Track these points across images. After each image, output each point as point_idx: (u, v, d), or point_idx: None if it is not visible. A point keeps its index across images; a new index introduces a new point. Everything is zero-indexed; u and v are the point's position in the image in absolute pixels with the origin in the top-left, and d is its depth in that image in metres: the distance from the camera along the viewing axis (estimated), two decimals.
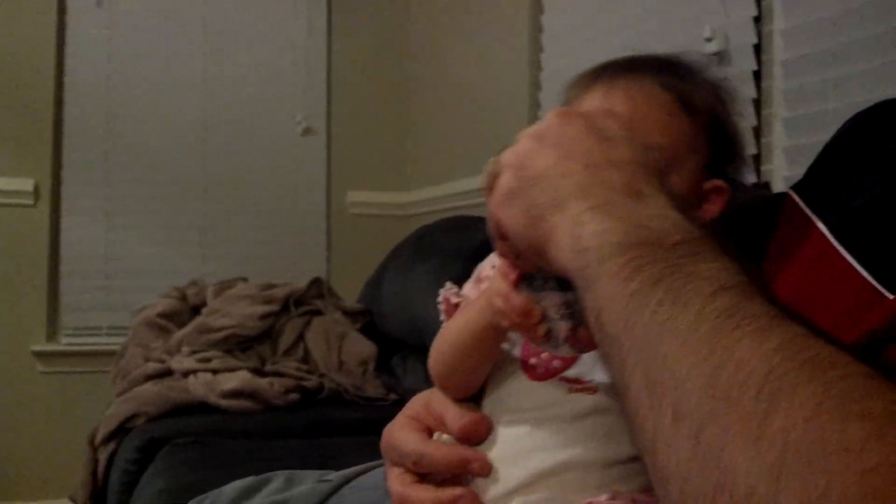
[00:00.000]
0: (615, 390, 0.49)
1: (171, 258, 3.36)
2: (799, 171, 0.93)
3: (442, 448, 0.74)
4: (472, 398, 0.76)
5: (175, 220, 3.39)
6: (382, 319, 2.78)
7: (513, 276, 0.67)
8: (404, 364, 2.62)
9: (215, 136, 3.43)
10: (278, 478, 1.12)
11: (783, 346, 0.42)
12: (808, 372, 0.40)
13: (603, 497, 0.66)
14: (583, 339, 0.64)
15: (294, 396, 2.33)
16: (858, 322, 0.64)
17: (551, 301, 0.65)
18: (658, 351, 0.45)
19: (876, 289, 0.66)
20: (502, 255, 0.67)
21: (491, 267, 0.77)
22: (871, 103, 0.90)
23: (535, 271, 0.65)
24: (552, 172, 0.59)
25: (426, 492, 0.73)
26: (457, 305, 0.78)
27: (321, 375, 2.49)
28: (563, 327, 0.65)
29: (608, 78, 0.77)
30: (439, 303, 0.79)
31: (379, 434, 0.82)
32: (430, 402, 0.80)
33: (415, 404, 0.81)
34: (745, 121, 1.80)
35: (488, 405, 0.75)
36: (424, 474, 0.76)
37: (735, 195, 1.12)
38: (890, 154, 0.78)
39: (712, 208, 0.77)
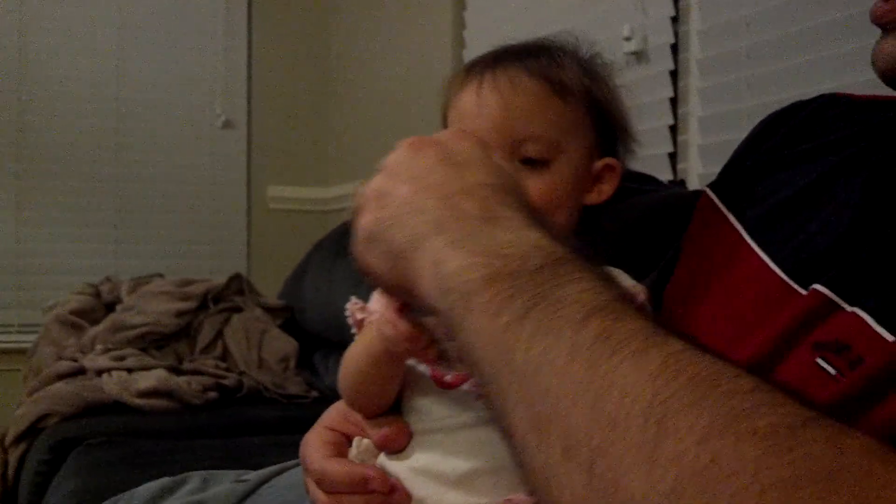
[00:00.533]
0: (499, 430, 0.48)
1: (85, 254, 3.28)
2: (713, 169, 0.94)
3: (343, 467, 0.73)
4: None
5: (88, 214, 3.31)
6: (304, 316, 2.76)
7: (396, 303, 0.66)
8: (326, 361, 2.60)
9: (131, 127, 3.36)
10: (194, 478, 1.11)
11: (664, 367, 0.41)
12: (692, 392, 0.40)
13: (521, 495, 0.66)
14: None
15: (212, 395, 2.30)
16: (770, 316, 0.65)
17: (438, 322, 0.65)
18: (538, 386, 0.44)
19: (788, 284, 0.68)
20: (376, 287, 0.66)
21: None
22: (784, 103, 0.92)
23: None
24: (407, 210, 0.58)
25: (343, 465, 0.73)
26: (363, 320, 0.77)
27: (240, 373, 2.46)
28: (453, 346, 0.64)
29: (477, 73, 0.76)
30: (347, 317, 0.79)
31: (299, 432, 0.81)
32: (348, 411, 0.79)
33: (332, 413, 0.80)
34: (627, 96, 1.83)
35: (404, 413, 0.74)
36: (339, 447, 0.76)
37: (654, 192, 1.14)
38: (800, 154, 0.80)
39: (606, 188, 0.77)
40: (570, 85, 0.75)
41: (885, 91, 0.75)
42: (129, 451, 1.86)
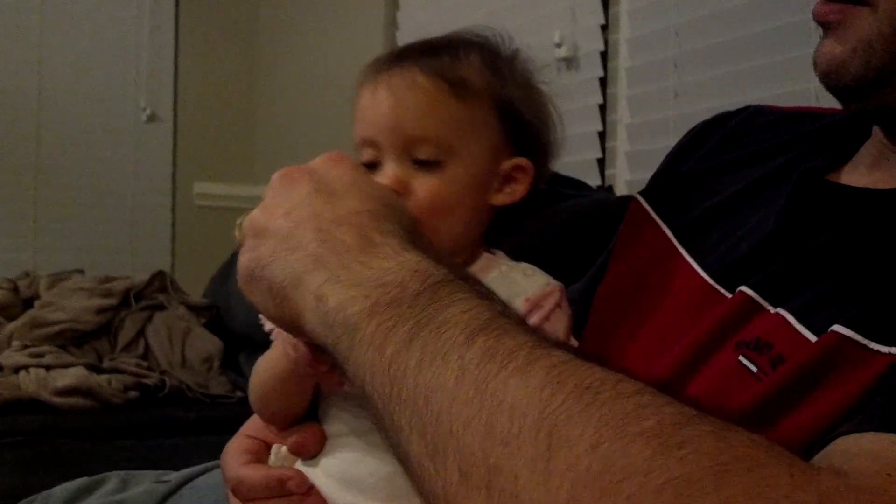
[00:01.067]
0: (398, 460, 0.48)
1: (2, 248, 3.18)
2: (640, 176, 0.96)
3: (258, 472, 0.73)
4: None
5: (6, 206, 3.20)
6: (229, 315, 2.72)
7: None
8: (251, 361, 2.56)
9: (52, 118, 3.26)
10: (113, 479, 1.08)
11: (549, 380, 0.42)
12: (579, 401, 0.41)
13: None
14: None
15: (133, 394, 2.25)
16: (697, 319, 0.67)
17: None
18: (430, 411, 0.44)
19: (714, 288, 0.69)
20: None
21: None
22: (710, 112, 0.95)
23: None
24: (284, 246, 0.57)
25: (258, 470, 0.73)
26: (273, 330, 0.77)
27: (163, 372, 2.41)
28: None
29: (374, 74, 0.75)
30: (262, 324, 0.79)
31: (223, 433, 0.80)
32: None
33: (253, 420, 0.80)
34: (555, 101, 1.84)
35: (320, 417, 0.74)
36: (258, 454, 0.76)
37: (582, 197, 1.15)
38: (729, 163, 0.82)
39: (518, 188, 0.76)
40: (470, 83, 0.73)
41: (809, 104, 0.77)
42: (46, 451, 1.82)
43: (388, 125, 0.72)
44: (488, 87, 0.74)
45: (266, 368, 0.73)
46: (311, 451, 0.71)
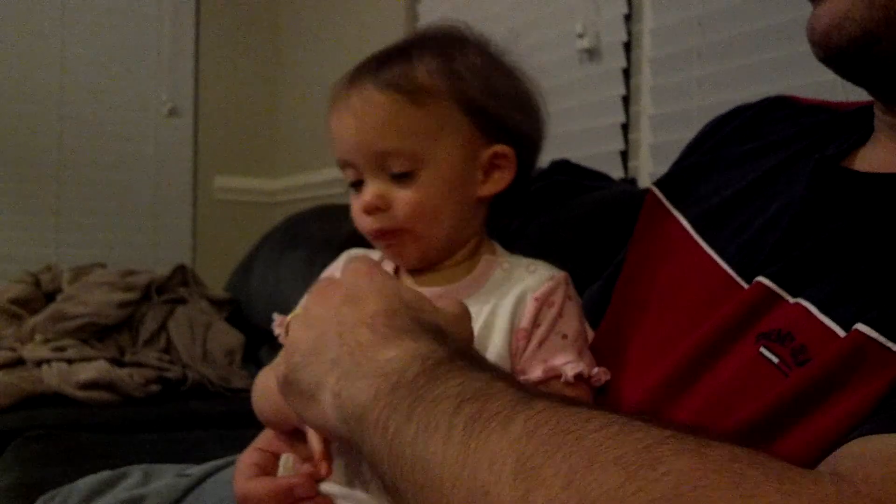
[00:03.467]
0: None
1: (24, 242, 3.21)
2: (663, 168, 0.95)
3: (265, 484, 0.74)
4: None
5: (29, 201, 3.23)
6: (251, 309, 2.73)
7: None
8: (272, 355, 2.57)
9: (73, 114, 3.28)
10: (135, 472, 1.09)
11: (526, 429, 0.44)
12: (553, 442, 0.43)
13: None
14: None
15: (155, 388, 2.26)
16: (714, 309, 0.66)
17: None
18: (424, 480, 0.48)
19: (732, 278, 0.69)
20: None
21: None
22: (734, 102, 0.94)
23: None
24: (311, 353, 0.62)
25: (264, 483, 0.74)
26: None
27: (184, 366, 2.42)
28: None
29: (337, 93, 0.77)
30: (273, 329, 0.81)
31: (243, 427, 0.81)
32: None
33: (266, 433, 0.83)
34: (577, 93, 1.82)
35: None
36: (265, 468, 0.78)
37: (605, 189, 1.14)
38: (745, 154, 0.81)
39: (504, 175, 0.77)
40: (426, 88, 0.74)
41: (830, 96, 0.76)
42: (68, 445, 1.83)
43: (355, 145, 0.75)
44: (446, 87, 0.75)
45: (264, 396, 0.76)
46: (324, 477, 0.72)
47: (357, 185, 0.76)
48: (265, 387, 0.77)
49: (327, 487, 0.71)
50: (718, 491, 0.37)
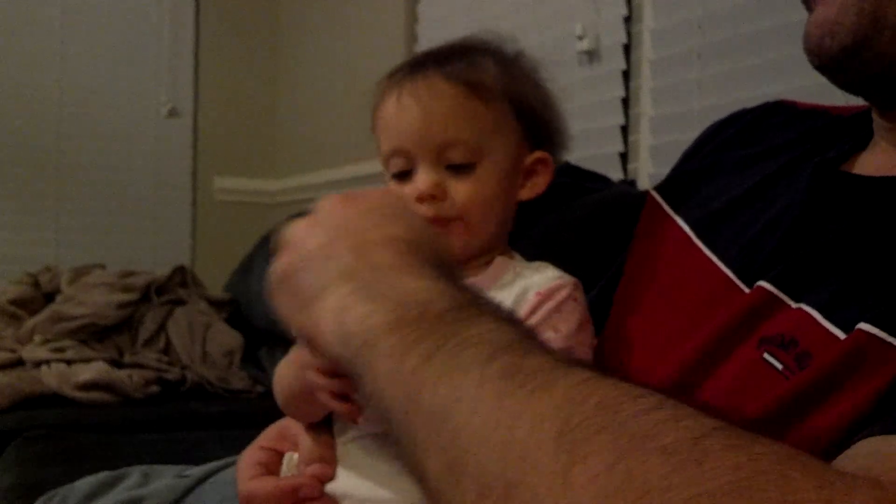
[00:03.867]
0: (413, 476, 0.47)
1: (23, 242, 3.20)
2: (663, 170, 0.95)
3: (269, 484, 0.73)
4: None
5: (28, 202, 3.23)
6: (250, 310, 2.73)
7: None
8: (272, 356, 2.57)
9: (73, 114, 3.28)
10: (134, 473, 1.09)
11: (569, 397, 0.42)
12: (599, 418, 0.40)
13: None
14: None
15: (154, 389, 2.26)
16: (715, 312, 0.66)
17: None
18: (448, 427, 0.44)
19: (733, 282, 0.69)
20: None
21: None
22: (735, 104, 0.94)
23: None
24: (319, 255, 0.58)
25: (268, 482, 0.73)
26: None
27: (183, 367, 2.42)
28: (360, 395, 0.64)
29: (396, 83, 0.77)
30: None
31: (243, 427, 0.81)
32: (285, 428, 0.79)
33: (270, 432, 0.81)
34: (575, 95, 1.81)
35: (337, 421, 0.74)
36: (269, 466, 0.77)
37: (604, 191, 1.14)
38: (745, 158, 0.81)
39: (540, 180, 0.79)
40: (489, 85, 0.76)
41: (828, 97, 0.77)
42: (68, 445, 1.83)
43: (417, 133, 0.74)
44: (504, 88, 0.77)
45: (287, 382, 0.74)
46: (328, 480, 0.72)
47: (402, 175, 0.76)
48: (281, 382, 0.74)
49: (332, 487, 0.71)
50: (761, 492, 0.36)
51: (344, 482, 0.71)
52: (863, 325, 0.54)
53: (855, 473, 0.41)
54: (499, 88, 0.76)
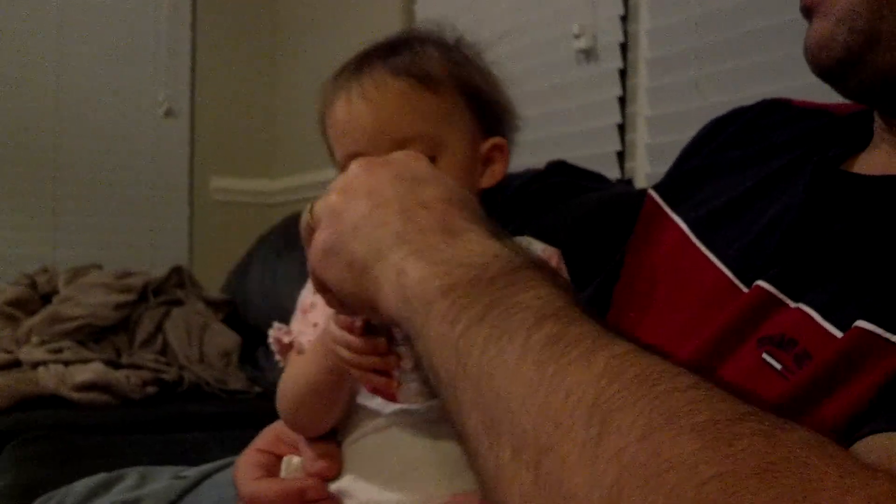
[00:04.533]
0: (455, 434, 0.49)
1: (20, 243, 3.19)
2: (660, 169, 0.95)
3: (275, 485, 0.73)
4: None
5: (24, 202, 3.22)
6: (247, 310, 2.73)
7: (359, 323, 0.65)
8: (269, 356, 2.57)
9: (70, 113, 3.27)
10: (132, 474, 1.09)
11: (608, 368, 0.42)
12: (635, 390, 0.41)
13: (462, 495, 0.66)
14: None
15: (151, 389, 2.26)
16: (715, 312, 0.66)
17: (403, 352, 0.65)
18: (491, 388, 0.45)
19: (732, 282, 0.69)
20: (331, 306, 0.65)
21: (314, 294, 0.73)
22: (731, 104, 0.94)
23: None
24: (368, 223, 0.58)
25: (273, 484, 0.73)
26: (290, 345, 0.76)
27: (181, 368, 2.42)
28: (415, 378, 0.64)
29: (344, 82, 0.76)
30: (271, 344, 0.78)
31: (240, 428, 0.81)
32: (282, 431, 0.80)
33: (266, 435, 0.81)
34: (574, 95, 1.80)
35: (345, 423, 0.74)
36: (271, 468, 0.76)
37: (602, 190, 1.13)
38: (743, 158, 0.81)
39: (498, 167, 0.77)
40: (437, 75, 0.74)
41: (826, 97, 0.77)
42: (65, 446, 1.83)
43: (372, 133, 0.72)
44: (452, 76, 0.75)
45: (298, 382, 0.72)
46: (332, 476, 0.72)
47: None
48: (294, 387, 0.73)
49: (337, 488, 0.71)
50: (783, 477, 0.37)
51: (349, 484, 0.71)
52: (860, 323, 0.54)
53: (878, 468, 0.41)
54: (446, 76, 0.74)
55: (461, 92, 0.75)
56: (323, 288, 0.62)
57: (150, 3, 3.42)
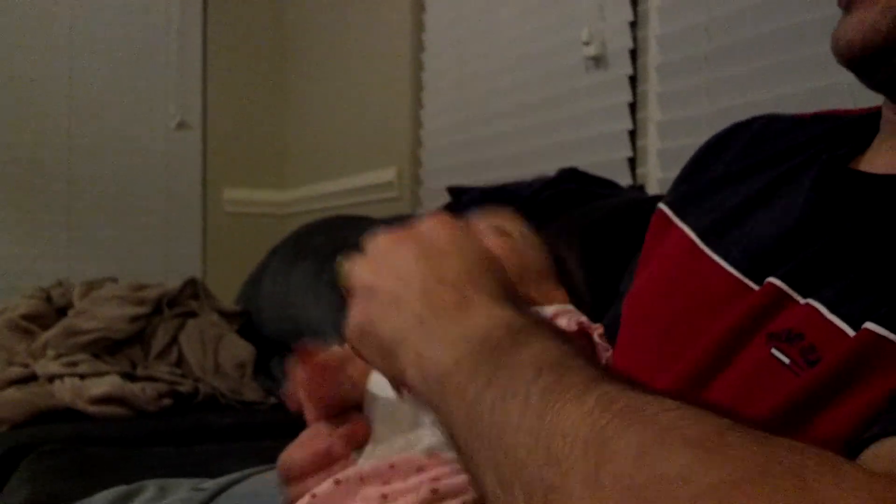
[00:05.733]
0: (478, 494, 0.52)
1: (35, 257, 3.21)
2: (672, 174, 0.95)
3: (304, 450, 0.76)
4: None
5: (39, 216, 3.24)
6: (261, 321, 2.73)
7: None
8: (284, 366, 2.58)
9: (82, 128, 3.30)
10: (150, 487, 1.09)
11: (599, 404, 0.45)
12: (625, 417, 0.43)
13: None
14: None
15: (167, 402, 2.26)
16: (725, 311, 0.67)
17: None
18: (500, 446, 0.48)
19: (742, 281, 0.69)
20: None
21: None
22: (742, 108, 0.94)
23: None
24: (393, 307, 0.61)
25: (303, 449, 0.76)
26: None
27: (196, 379, 2.42)
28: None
29: None
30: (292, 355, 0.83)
31: (256, 439, 0.81)
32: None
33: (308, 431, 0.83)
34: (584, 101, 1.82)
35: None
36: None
37: (614, 196, 1.14)
38: (747, 168, 0.82)
39: None
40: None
41: (835, 104, 0.77)
42: (82, 459, 1.83)
43: None
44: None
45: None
46: (360, 442, 0.75)
47: None
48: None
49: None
50: (780, 480, 0.37)
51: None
52: (870, 325, 0.54)
53: (875, 471, 0.41)
54: None
55: None
56: (359, 356, 0.67)
57: (162, 16, 3.44)
